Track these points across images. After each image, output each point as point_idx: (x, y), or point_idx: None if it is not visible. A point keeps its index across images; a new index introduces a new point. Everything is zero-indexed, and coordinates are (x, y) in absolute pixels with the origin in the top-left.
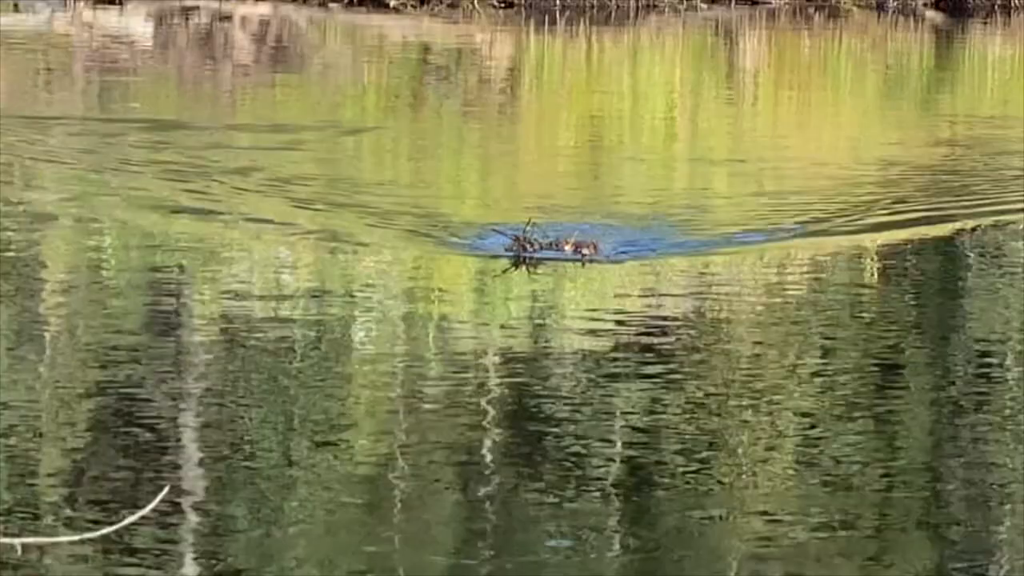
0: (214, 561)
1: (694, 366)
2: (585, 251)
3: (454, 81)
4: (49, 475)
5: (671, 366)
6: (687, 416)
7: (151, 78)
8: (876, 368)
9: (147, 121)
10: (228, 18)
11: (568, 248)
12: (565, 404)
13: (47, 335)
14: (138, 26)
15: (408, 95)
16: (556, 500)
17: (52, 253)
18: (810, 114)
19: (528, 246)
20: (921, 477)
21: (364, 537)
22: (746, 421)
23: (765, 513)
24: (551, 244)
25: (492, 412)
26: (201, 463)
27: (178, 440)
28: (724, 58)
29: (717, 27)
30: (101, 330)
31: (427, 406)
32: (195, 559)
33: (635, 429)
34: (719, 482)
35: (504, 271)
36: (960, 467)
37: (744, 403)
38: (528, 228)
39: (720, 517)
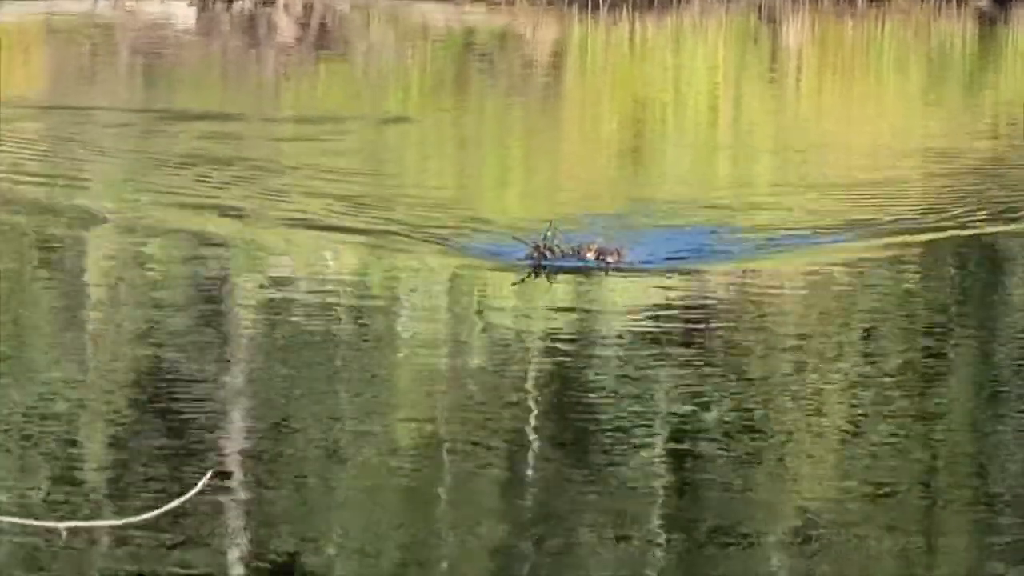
0: (258, 544)
1: (733, 357)
2: (609, 259)
3: (497, 66)
4: (94, 459)
5: (710, 356)
6: (730, 399)
7: (194, 65)
8: (922, 354)
9: (190, 111)
10: (271, 3)
11: (590, 255)
12: (604, 390)
13: (92, 322)
14: (181, 12)
15: (451, 81)
16: (598, 478)
17: (96, 243)
18: (853, 101)
19: (548, 253)
20: (965, 453)
21: (408, 519)
22: (790, 401)
23: (809, 490)
24: (573, 251)
25: (531, 400)
26: (245, 447)
27: (222, 424)
28: (767, 43)
29: (760, 11)
30: (145, 316)
31: (465, 392)
32: (239, 542)
33: (676, 414)
34: (763, 462)
35: (521, 281)
36: (1006, 446)
37: (788, 386)
38: (548, 234)
39: (764, 497)
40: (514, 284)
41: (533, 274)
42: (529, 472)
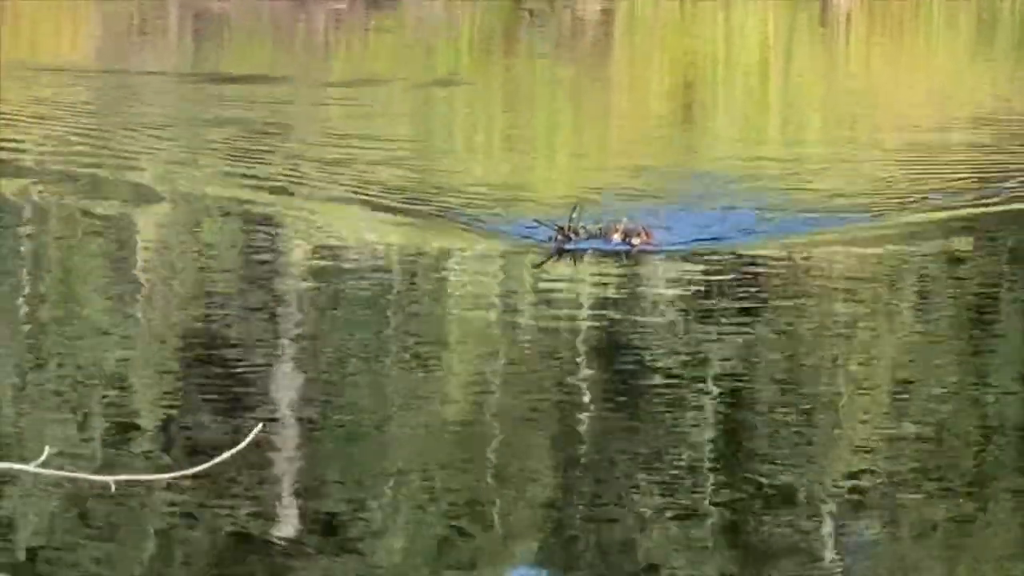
0: (306, 499)
1: (783, 327)
2: (635, 240)
3: (547, 26)
4: (145, 415)
5: (757, 326)
6: (779, 366)
7: (244, 28)
8: (971, 326)
9: (240, 76)
10: None
11: (616, 237)
12: (653, 351)
13: (142, 285)
14: None
15: (501, 39)
16: (648, 439)
17: (146, 210)
18: (902, 63)
19: (573, 235)
20: (1013, 423)
21: (458, 480)
22: (839, 369)
23: (858, 456)
24: (598, 232)
25: (579, 363)
26: (294, 403)
27: (271, 381)
28: (817, 3)
29: None
30: (194, 275)
31: (512, 355)
32: (287, 498)
33: (727, 376)
34: (813, 427)
35: (542, 263)
36: None
37: (838, 354)
38: (574, 215)
39: (813, 461)
40: (536, 267)
41: (556, 256)
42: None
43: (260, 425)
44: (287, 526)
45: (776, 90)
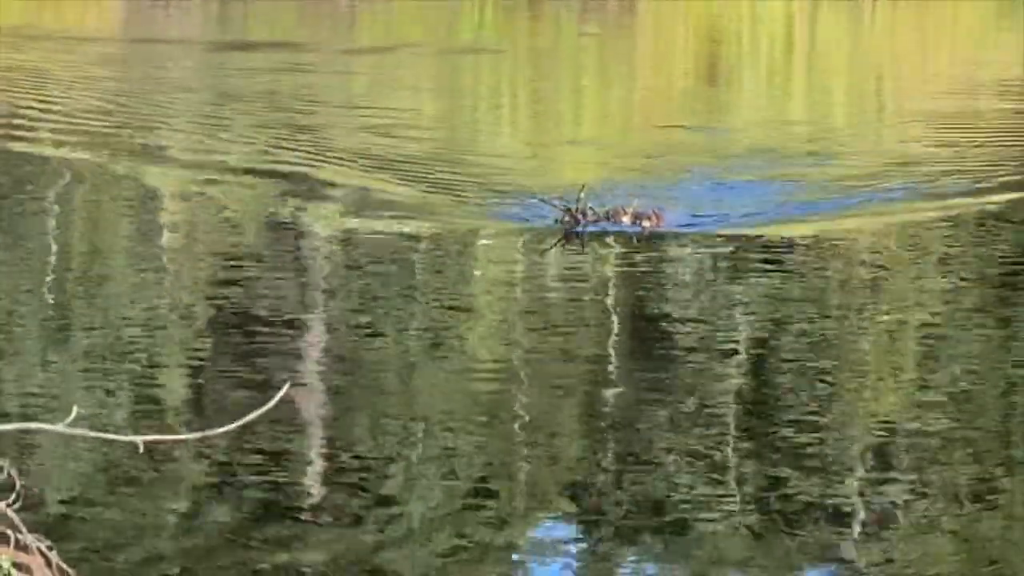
0: (333, 460)
1: (811, 290)
2: (646, 222)
3: None
4: (174, 375)
5: (784, 288)
6: (805, 330)
7: None
8: (996, 290)
9: (265, 43)
10: None
11: (626, 219)
12: (677, 317)
13: (170, 246)
14: None
15: (525, 5)
16: (673, 409)
17: (170, 174)
18: (928, 29)
19: (581, 217)
20: None
21: (484, 440)
22: (864, 335)
23: (883, 421)
24: (607, 215)
25: (605, 335)
26: (321, 363)
27: (299, 342)
28: None
29: None
30: (221, 240)
31: (536, 324)
32: (314, 458)
33: (752, 340)
34: (837, 390)
35: (551, 247)
36: None
37: (863, 321)
38: (581, 196)
39: (838, 424)
40: (544, 251)
41: (565, 240)
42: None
43: (288, 384)
44: (312, 486)
45: (799, 63)
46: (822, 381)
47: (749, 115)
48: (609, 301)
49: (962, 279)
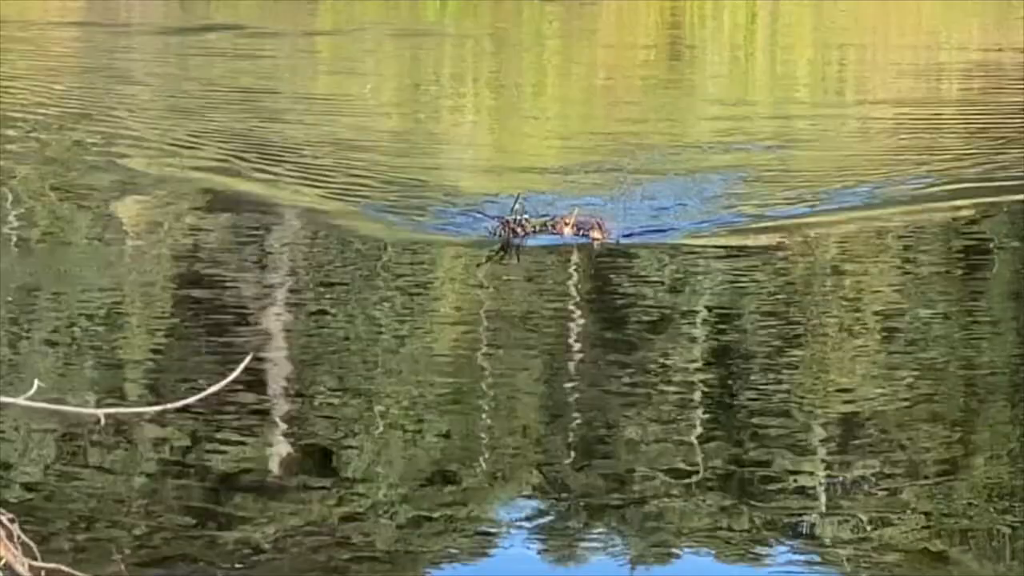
0: (296, 431)
1: (770, 275)
2: (595, 235)
3: None
4: (136, 351)
5: (747, 278)
6: (769, 309)
7: None
8: (962, 272)
9: (225, 26)
10: None
11: (567, 231)
12: (646, 303)
13: (132, 233)
14: None
15: None
16: (638, 382)
17: (134, 163)
18: (892, 9)
19: (518, 229)
20: (1005, 360)
21: (450, 413)
22: (830, 315)
23: (849, 393)
24: (547, 225)
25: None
26: (286, 339)
27: (261, 321)
28: None
29: None
30: (184, 229)
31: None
32: (277, 430)
33: (718, 318)
34: (803, 366)
35: (485, 261)
36: None
37: (828, 302)
38: (517, 207)
39: (803, 400)
40: (479, 265)
41: (501, 252)
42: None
43: (250, 356)
44: (275, 461)
45: (761, 51)
46: (787, 362)
47: (705, 107)
48: (562, 304)
49: (926, 270)
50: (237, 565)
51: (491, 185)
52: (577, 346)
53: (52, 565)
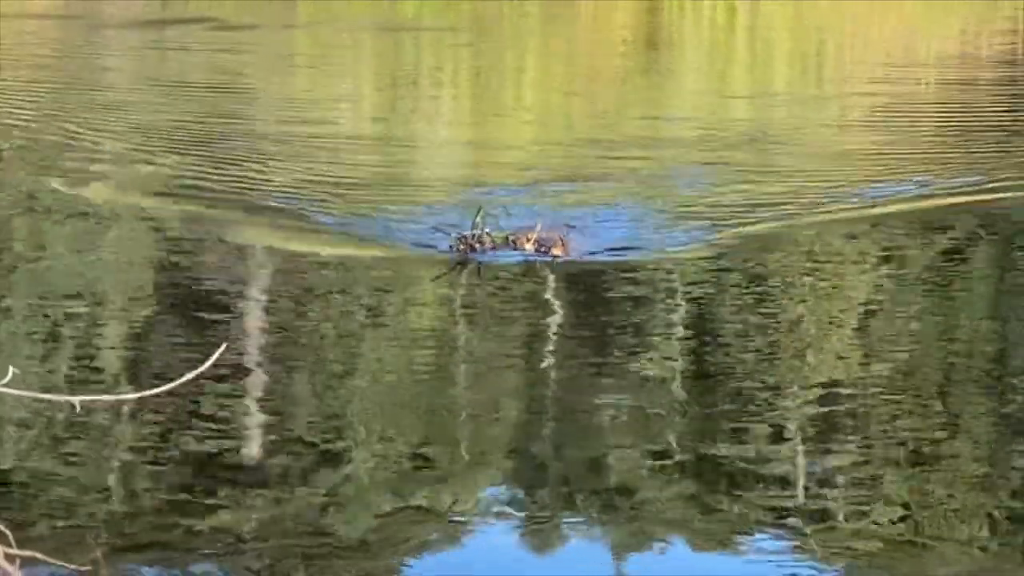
0: (273, 419)
1: (745, 274)
2: (557, 252)
3: None
4: (112, 339)
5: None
6: (746, 301)
7: None
8: (941, 263)
9: (204, 19)
10: None
11: (528, 246)
12: (622, 298)
13: (107, 221)
14: None
15: None
16: (617, 363)
17: (111, 151)
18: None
19: (477, 245)
20: (984, 341)
21: (428, 401)
22: (808, 305)
23: (828, 382)
24: (506, 240)
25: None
26: (262, 329)
27: (238, 310)
28: None
29: None
30: (159, 218)
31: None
32: (254, 418)
33: (695, 301)
34: (781, 349)
35: (439, 277)
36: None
37: (806, 294)
38: (478, 221)
39: (782, 389)
40: (433, 280)
41: (458, 268)
42: None
43: (224, 345)
44: (252, 449)
45: (740, 46)
46: (765, 350)
47: (682, 104)
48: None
49: (905, 263)
50: (214, 552)
51: (457, 192)
52: (554, 339)
53: (27, 553)
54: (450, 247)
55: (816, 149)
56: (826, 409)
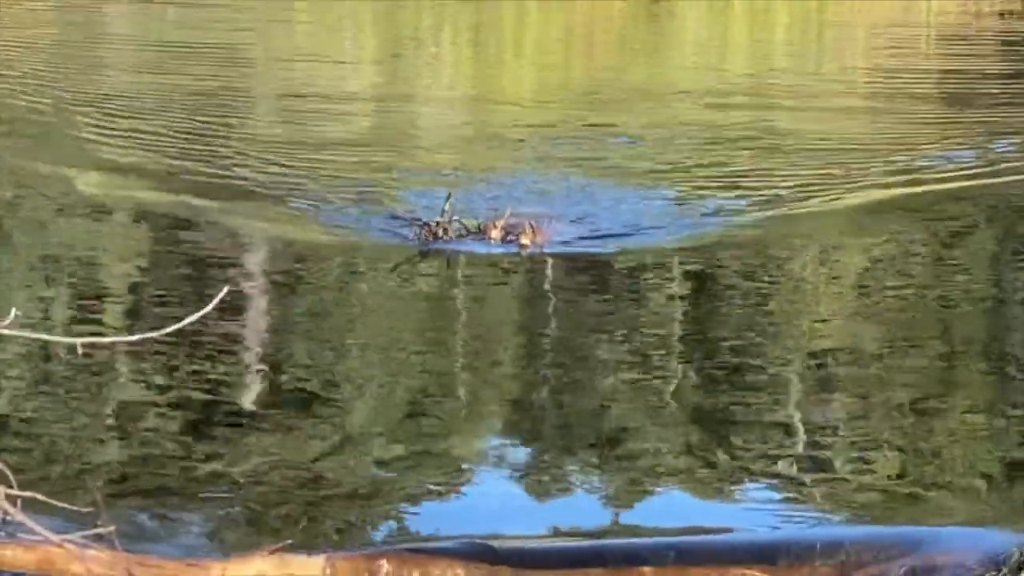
0: (274, 365)
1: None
2: (525, 241)
3: None
4: (114, 281)
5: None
6: (745, 263)
7: None
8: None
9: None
10: None
11: (495, 235)
12: (619, 255)
13: (107, 174)
14: None
15: None
16: (616, 338)
17: (106, 124)
18: None
19: (442, 233)
20: (980, 304)
21: (426, 350)
22: (806, 267)
23: (825, 333)
24: (475, 228)
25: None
26: (264, 273)
27: (240, 255)
28: None
29: None
30: (160, 167)
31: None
32: (254, 363)
33: (693, 263)
34: (777, 313)
35: (396, 267)
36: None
37: (805, 260)
38: (446, 208)
39: (779, 341)
40: (392, 270)
41: (419, 257)
42: None
43: (226, 288)
44: (252, 394)
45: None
46: (763, 304)
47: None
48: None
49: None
50: (213, 496)
51: (427, 177)
52: (553, 293)
53: (28, 493)
54: (415, 235)
55: (814, 111)
56: (825, 363)
